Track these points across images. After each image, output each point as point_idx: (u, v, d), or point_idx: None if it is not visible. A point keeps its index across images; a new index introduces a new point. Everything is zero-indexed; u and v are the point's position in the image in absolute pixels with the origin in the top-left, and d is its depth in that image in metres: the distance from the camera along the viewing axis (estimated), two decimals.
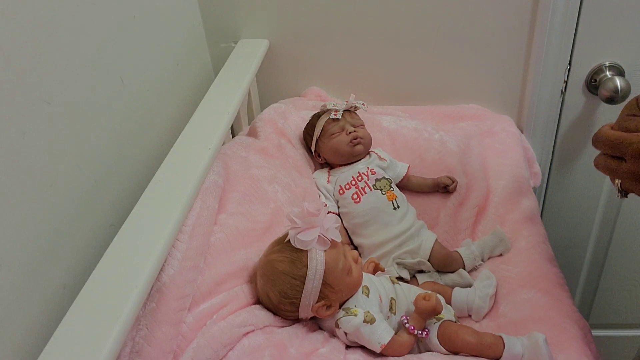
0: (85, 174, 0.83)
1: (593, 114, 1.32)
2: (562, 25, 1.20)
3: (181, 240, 0.79)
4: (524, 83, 1.31)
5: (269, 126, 1.17)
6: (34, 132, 0.71)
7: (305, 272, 0.85)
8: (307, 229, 0.86)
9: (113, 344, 0.60)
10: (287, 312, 0.88)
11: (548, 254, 1.02)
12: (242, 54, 1.28)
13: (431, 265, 1.06)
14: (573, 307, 0.91)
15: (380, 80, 1.36)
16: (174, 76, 1.17)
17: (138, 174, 0.99)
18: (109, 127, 0.90)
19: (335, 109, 1.19)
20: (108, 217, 0.89)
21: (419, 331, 0.86)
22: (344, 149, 1.17)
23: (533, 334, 0.82)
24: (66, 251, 0.77)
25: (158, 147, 1.07)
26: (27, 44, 0.70)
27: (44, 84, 0.73)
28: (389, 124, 1.29)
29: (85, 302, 0.65)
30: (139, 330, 0.71)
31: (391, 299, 0.92)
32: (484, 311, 0.97)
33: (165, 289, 0.74)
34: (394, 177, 1.18)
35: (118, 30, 0.94)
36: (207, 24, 1.33)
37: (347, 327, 0.85)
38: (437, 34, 1.27)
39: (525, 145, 1.30)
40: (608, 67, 1.25)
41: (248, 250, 0.92)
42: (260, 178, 1.03)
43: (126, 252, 0.72)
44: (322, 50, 1.33)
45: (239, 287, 0.88)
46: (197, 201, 0.86)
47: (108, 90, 0.90)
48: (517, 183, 1.17)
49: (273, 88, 1.39)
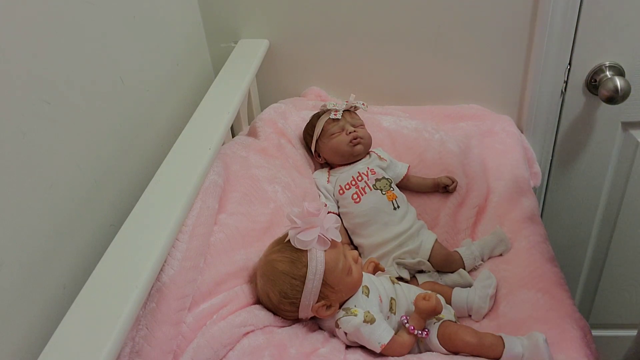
0: (85, 174, 0.83)
1: (593, 114, 1.32)
2: (562, 25, 1.20)
3: (181, 240, 0.79)
4: (524, 83, 1.31)
5: (269, 126, 1.17)
6: (34, 132, 0.71)
7: (305, 272, 0.85)
8: (307, 229, 0.86)
9: (113, 344, 0.60)
10: (287, 312, 0.88)
11: (548, 254, 1.02)
12: (242, 54, 1.28)
13: (431, 265, 1.06)
14: (573, 307, 0.91)
15: (380, 80, 1.36)
16: (174, 76, 1.17)
17: (138, 174, 0.99)
18: (109, 127, 0.90)
19: (335, 109, 1.19)
20: (108, 217, 0.89)
21: (419, 331, 0.86)
22: (344, 149, 1.17)
23: (533, 334, 0.82)
24: (66, 251, 0.77)
25: (158, 147, 1.07)
26: (27, 44, 0.70)
27: (44, 84, 0.73)
28: (389, 124, 1.29)
29: (85, 302, 0.66)
30: (139, 330, 0.71)
31: (391, 299, 0.92)
32: (484, 311, 0.97)
33: (165, 289, 0.74)
34: (394, 177, 1.18)
35: (118, 30, 0.94)
36: (207, 24, 1.33)
37: (347, 327, 0.85)
38: (437, 34, 1.27)
39: (525, 145, 1.30)
40: (608, 67, 1.25)
41: (248, 250, 0.92)
42: (260, 178, 1.03)
43: (126, 252, 0.72)
44: (322, 50, 1.33)
45: (239, 287, 0.88)
46: (197, 201, 0.86)
47: (108, 90, 0.90)
48: (517, 183, 1.16)
49: (273, 88, 1.39)
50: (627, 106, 1.27)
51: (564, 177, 1.43)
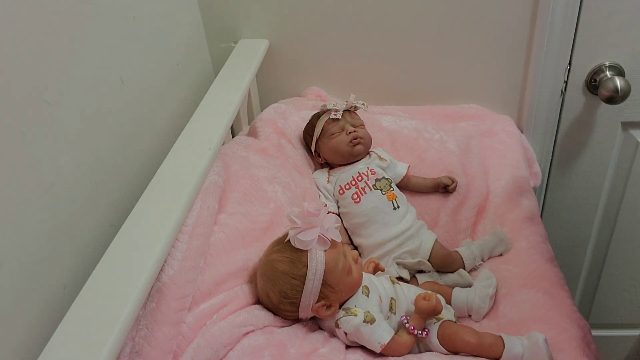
0: (85, 174, 0.83)
1: (593, 114, 1.32)
2: (562, 25, 1.20)
3: (181, 240, 0.79)
4: (524, 83, 1.31)
5: (269, 126, 1.17)
6: (34, 132, 0.71)
7: (305, 272, 0.85)
8: (307, 229, 0.86)
9: (113, 344, 0.60)
10: (287, 312, 0.88)
11: (548, 254, 1.02)
12: (242, 54, 1.28)
13: (431, 265, 1.06)
14: (573, 307, 0.91)
15: (380, 80, 1.36)
16: (174, 76, 1.17)
17: (138, 174, 0.99)
18: (109, 127, 0.90)
19: (335, 109, 1.19)
20: (108, 217, 0.89)
21: (419, 331, 0.86)
22: (344, 149, 1.17)
23: (533, 334, 0.82)
24: (66, 251, 0.77)
25: (158, 147, 1.07)
26: (27, 44, 0.70)
27: (44, 84, 0.73)
28: (389, 124, 1.29)
29: (85, 302, 0.65)
30: (139, 330, 0.71)
31: (391, 299, 0.92)
32: (484, 311, 0.97)
33: (165, 289, 0.74)
34: (394, 177, 1.18)
35: (118, 30, 0.94)
36: (207, 24, 1.33)
37: (347, 327, 0.85)
38: (437, 34, 1.27)
39: (525, 145, 1.30)
40: (608, 67, 1.25)
41: (248, 250, 0.92)
42: (260, 178, 1.03)
43: (126, 252, 0.72)
44: (322, 50, 1.33)
45: (239, 287, 0.88)
46: (197, 201, 0.86)
47: (108, 90, 0.90)
48: (517, 183, 1.17)
49: (273, 88, 1.39)
50: (627, 106, 1.27)
51: (564, 177, 1.43)
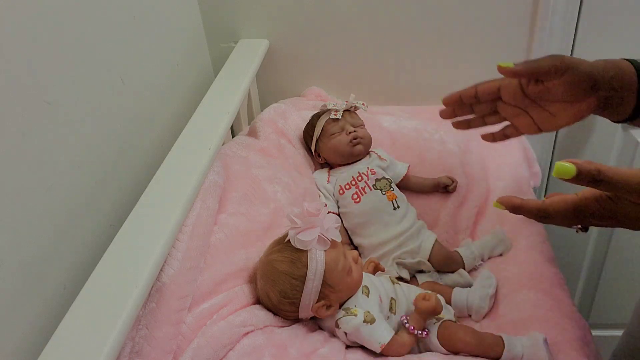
0: (85, 174, 0.83)
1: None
2: (562, 25, 1.20)
3: (181, 240, 0.79)
4: None
5: (269, 126, 1.17)
6: (34, 132, 0.71)
7: (305, 272, 0.85)
8: (307, 229, 0.86)
9: (113, 344, 0.60)
10: (287, 312, 0.88)
11: (548, 254, 1.02)
12: (242, 54, 1.28)
13: (431, 265, 1.06)
14: (573, 307, 0.91)
15: (380, 80, 1.36)
16: (174, 76, 1.17)
17: (138, 174, 0.98)
18: (109, 127, 0.90)
19: (335, 109, 1.19)
20: (108, 217, 0.89)
21: (419, 331, 0.86)
22: (344, 149, 1.17)
23: (533, 334, 0.82)
24: (66, 251, 0.77)
25: (158, 147, 1.07)
26: (27, 44, 0.70)
27: (44, 84, 0.73)
28: (389, 124, 1.29)
29: (85, 302, 0.65)
30: (139, 330, 0.71)
31: (391, 299, 0.92)
32: (484, 311, 0.97)
33: (165, 289, 0.74)
34: (394, 177, 1.18)
35: (118, 31, 0.94)
36: (207, 24, 1.32)
37: (347, 327, 0.85)
38: (437, 34, 1.27)
39: (525, 145, 1.30)
40: None
41: (248, 250, 0.92)
42: (260, 178, 1.03)
43: (126, 252, 0.72)
44: (322, 50, 1.33)
45: (239, 287, 0.88)
46: (197, 201, 0.86)
47: (108, 90, 0.90)
48: (517, 183, 1.16)
49: (273, 88, 1.39)
50: None
51: None
